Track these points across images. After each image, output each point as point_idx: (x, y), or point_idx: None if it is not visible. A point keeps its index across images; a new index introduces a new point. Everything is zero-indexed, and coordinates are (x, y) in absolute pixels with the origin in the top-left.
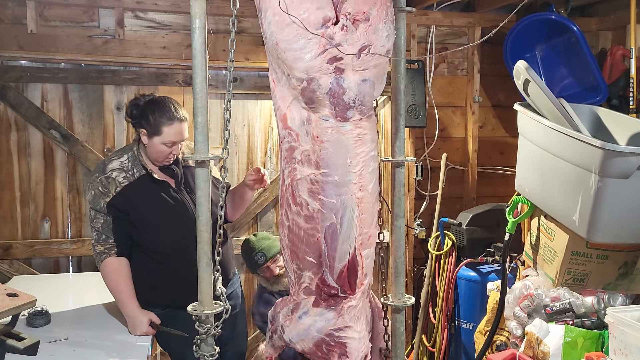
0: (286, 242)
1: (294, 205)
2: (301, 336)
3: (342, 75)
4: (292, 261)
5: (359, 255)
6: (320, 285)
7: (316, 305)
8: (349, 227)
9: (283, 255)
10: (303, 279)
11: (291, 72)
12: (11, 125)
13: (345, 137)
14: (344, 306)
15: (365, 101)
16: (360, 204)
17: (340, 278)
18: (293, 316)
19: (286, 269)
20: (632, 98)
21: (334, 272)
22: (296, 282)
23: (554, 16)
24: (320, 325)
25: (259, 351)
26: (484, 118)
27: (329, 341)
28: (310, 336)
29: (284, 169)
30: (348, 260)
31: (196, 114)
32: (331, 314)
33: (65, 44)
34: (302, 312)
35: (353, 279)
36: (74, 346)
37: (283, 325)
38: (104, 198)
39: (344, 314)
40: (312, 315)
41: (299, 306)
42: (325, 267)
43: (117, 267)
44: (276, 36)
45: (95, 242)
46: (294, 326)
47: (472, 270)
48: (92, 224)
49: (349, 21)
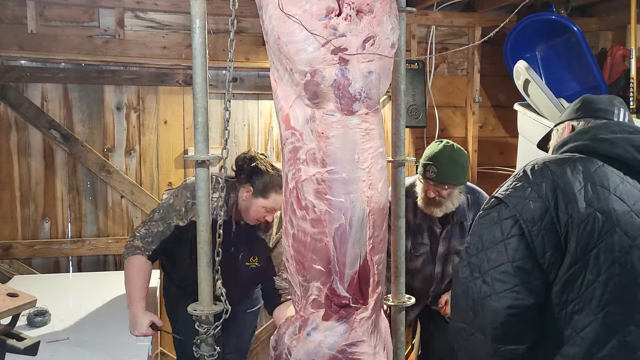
0: (291, 252)
1: (299, 210)
2: (311, 355)
3: (347, 66)
4: (298, 273)
5: (370, 261)
6: (329, 295)
7: (326, 319)
8: (360, 227)
9: (287, 269)
10: (310, 291)
11: (294, 65)
12: (11, 125)
13: (352, 131)
14: (357, 318)
15: (371, 94)
16: (370, 204)
17: (352, 286)
18: (300, 334)
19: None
20: (632, 98)
21: (345, 280)
22: (303, 297)
23: (554, 16)
24: (332, 340)
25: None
26: (484, 118)
27: (341, 358)
28: (321, 354)
29: (287, 173)
30: (359, 266)
31: (196, 114)
32: (343, 328)
33: (65, 44)
34: (310, 328)
35: (365, 286)
36: (74, 346)
37: (289, 346)
38: (178, 219)
39: (356, 327)
40: (322, 331)
41: (306, 322)
42: (334, 274)
43: (144, 266)
44: (278, 29)
45: (138, 238)
46: (302, 345)
47: None
48: (148, 224)
49: (353, 11)
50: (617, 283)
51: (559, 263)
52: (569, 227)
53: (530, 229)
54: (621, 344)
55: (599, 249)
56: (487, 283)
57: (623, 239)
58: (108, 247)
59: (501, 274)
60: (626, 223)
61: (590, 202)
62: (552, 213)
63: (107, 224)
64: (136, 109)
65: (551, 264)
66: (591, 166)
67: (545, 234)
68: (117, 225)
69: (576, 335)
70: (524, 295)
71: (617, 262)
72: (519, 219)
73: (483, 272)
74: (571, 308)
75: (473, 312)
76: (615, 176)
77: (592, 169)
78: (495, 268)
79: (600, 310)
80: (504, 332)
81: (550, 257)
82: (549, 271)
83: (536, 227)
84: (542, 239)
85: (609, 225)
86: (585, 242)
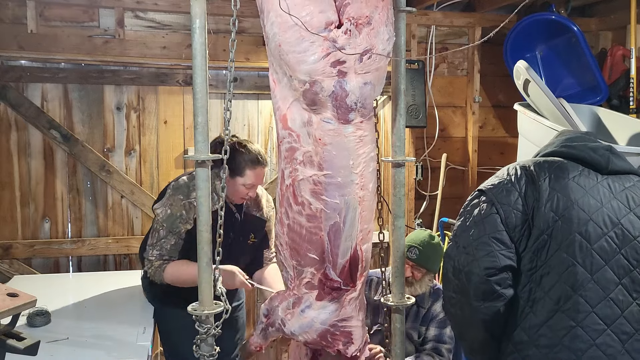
0: (285, 239)
1: (295, 205)
2: (304, 328)
3: (345, 79)
4: (292, 258)
5: (359, 250)
6: (323, 279)
7: (319, 299)
8: (352, 225)
9: (281, 252)
10: (304, 274)
11: (293, 74)
12: (11, 125)
13: (348, 139)
14: (346, 298)
15: (366, 104)
16: (361, 203)
17: (343, 272)
18: (295, 310)
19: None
20: (632, 98)
21: (337, 268)
22: (296, 277)
23: (554, 16)
24: (324, 317)
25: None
26: (484, 118)
27: (333, 331)
28: (314, 328)
29: (283, 169)
30: (350, 256)
31: (196, 114)
32: (334, 306)
33: (65, 44)
34: (304, 305)
35: (355, 272)
36: (74, 346)
37: (283, 319)
38: (185, 224)
39: (346, 305)
40: (316, 309)
41: (300, 300)
42: (327, 262)
43: (178, 263)
44: (279, 38)
45: (156, 259)
46: (296, 320)
47: None
48: (158, 244)
49: (352, 25)
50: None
51: (527, 236)
52: (534, 207)
53: (504, 210)
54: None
55: (561, 221)
56: (469, 253)
57: (580, 214)
58: (108, 247)
59: (480, 244)
60: (582, 202)
61: (553, 187)
62: (522, 197)
63: (107, 224)
64: (136, 109)
65: (521, 237)
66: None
67: (516, 213)
68: (117, 225)
69: (545, 295)
70: (497, 258)
71: (575, 232)
72: (495, 202)
73: (467, 246)
74: (540, 272)
75: (459, 280)
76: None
77: (556, 164)
78: (476, 240)
79: (563, 271)
80: (483, 291)
81: (520, 230)
82: (518, 243)
83: (508, 208)
84: (513, 217)
85: (569, 202)
86: (550, 216)
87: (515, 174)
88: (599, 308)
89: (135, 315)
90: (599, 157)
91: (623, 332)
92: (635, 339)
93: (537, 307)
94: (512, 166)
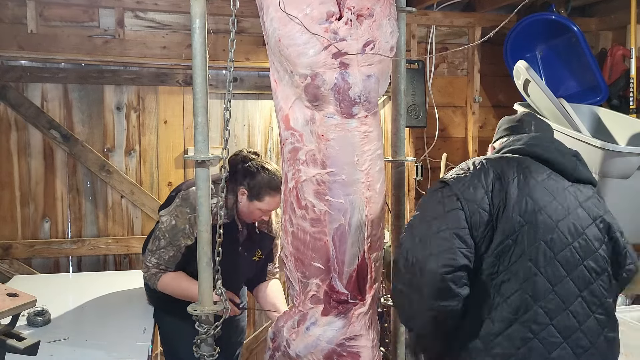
0: (290, 249)
1: (299, 209)
2: (310, 349)
3: (347, 71)
4: (297, 269)
5: (367, 259)
6: (328, 292)
7: (325, 314)
8: (358, 228)
9: (286, 265)
10: (309, 287)
11: (294, 68)
12: (11, 125)
13: (352, 134)
14: (355, 313)
15: (370, 97)
16: (368, 204)
17: (350, 283)
18: (299, 328)
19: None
20: (632, 98)
21: (343, 277)
22: (301, 292)
23: (554, 16)
24: (330, 335)
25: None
26: (484, 118)
27: (340, 351)
28: (320, 348)
29: (287, 172)
30: (357, 264)
31: (196, 114)
32: (341, 322)
33: (65, 44)
34: (309, 322)
35: (363, 283)
36: (74, 346)
37: (288, 339)
38: (186, 239)
39: (354, 321)
40: (321, 325)
41: (305, 317)
42: (333, 272)
43: (174, 275)
44: (279, 32)
45: (153, 267)
46: (301, 339)
47: None
48: (157, 252)
49: (353, 15)
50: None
51: (490, 239)
52: (500, 209)
53: (469, 207)
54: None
55: (527, 227)
56: (426, 247)
57: (547, 221)
58: (108, 247)
59: (440, 239)
60: (550, 208)
61: (522, 189)
62: (488, 195)
63: (107, 224)
64: (136, 109)
65: (483, 238)
66: (524, 162)
67: (481, 212)
68: (117, 225)
69: (504, 302)
70: (457, 256)
71: (541, 240)
72: (460, 197)
73: (424, 238)
74: (501, 278)
75: (411, 274)
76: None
77: (525, 164)
78: (436, 234)
79: (524, 281)
80: (438, 289)
81: (483, 232)
82: (480, 244)
83: (474, 205)
84: (478, 216)
85: (537, 208)
86: (517, 220)
87: (483, 169)
88: (557, 320)
89: (135, 315)
90: (567, 162)
91: (579, 345)
92: (590, 353)
93: (495, 315)
94: (478, 160)
